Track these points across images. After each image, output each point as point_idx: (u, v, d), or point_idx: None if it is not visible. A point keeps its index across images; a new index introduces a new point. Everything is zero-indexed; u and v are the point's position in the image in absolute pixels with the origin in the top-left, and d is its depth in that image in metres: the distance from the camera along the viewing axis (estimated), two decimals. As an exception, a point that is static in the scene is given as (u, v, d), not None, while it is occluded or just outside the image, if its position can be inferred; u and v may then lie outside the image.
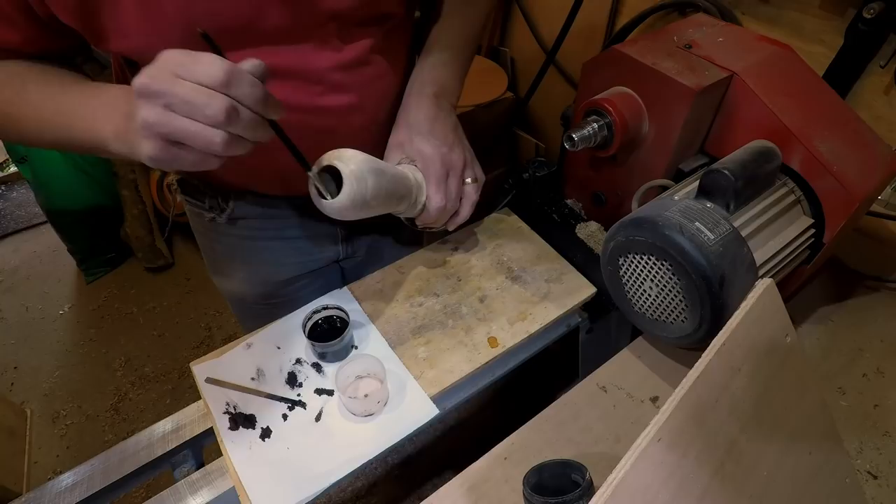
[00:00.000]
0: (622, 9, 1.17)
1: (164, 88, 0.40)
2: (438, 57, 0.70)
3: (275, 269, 0.84)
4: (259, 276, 0.84)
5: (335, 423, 0.63)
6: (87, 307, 2.05)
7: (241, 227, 0.78)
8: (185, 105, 0.40)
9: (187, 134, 0.41)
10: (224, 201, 0.75)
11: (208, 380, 0.65)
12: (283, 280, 0.85)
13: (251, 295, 0.87)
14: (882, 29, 0.74)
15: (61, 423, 1.70)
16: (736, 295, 0.54)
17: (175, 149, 0.43)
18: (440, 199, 0.64)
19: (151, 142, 0.42)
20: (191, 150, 0.43)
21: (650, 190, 0.71)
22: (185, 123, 0.41)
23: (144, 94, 0.41)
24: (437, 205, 0.65)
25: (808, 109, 0.65)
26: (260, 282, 0.85)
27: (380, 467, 1.53)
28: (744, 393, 0.46)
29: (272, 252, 0.82)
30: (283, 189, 0.74)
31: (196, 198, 0.76)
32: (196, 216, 0.80)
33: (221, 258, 0.85)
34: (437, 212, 0.65)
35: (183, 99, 0.40)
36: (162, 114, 0.41)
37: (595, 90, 0.71)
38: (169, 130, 0.41)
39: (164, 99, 0.40)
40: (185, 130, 0.41)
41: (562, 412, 0.65)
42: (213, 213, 0.76)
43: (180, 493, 0.60)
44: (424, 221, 0.68)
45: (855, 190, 0.61)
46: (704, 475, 0.41)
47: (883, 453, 0.64)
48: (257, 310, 0.89)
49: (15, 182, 2.63)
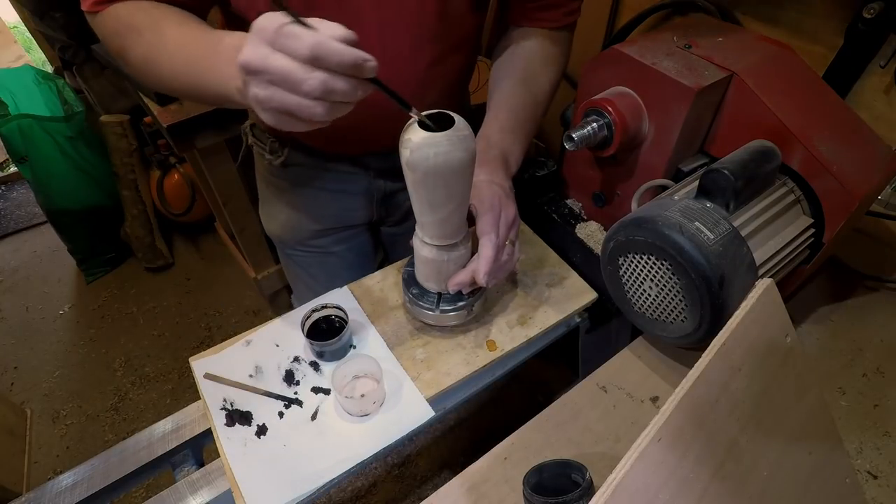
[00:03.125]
0: (622, 9, 1.17)
1: (263, 65, 0.41)
2: (506, 121, 0.72)
3: (312, 218, 0.92)
4: (299, 222, 0.93)
5: (331, 423, 0.63)
6: (87, 307, 2.05)
7: (291, 173, 0.87)
8: (283, 81, 0.41)
9: (292, 107, 0.42)
10: (281, 147, 0.83)
11: (206, 375, 0.65)
12: (320, 230, 0.93)
13: (289, 239, 0.97)
14: (882, 29, 0.74)
15: (61, 423, 1.70)
16: (736, 295, 0.54)
17: (287, 117, 0.44)
18: (493, 236, 0.61)
19: (266, 113, 0.44)
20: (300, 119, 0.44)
21: (650, 190, 0.71)
22: (288, 98, 0.42)
23: (248, 72, 0.42)
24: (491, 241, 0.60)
25: (808, 109, 0.65)
26: (299, 227, 0.94)
27: (380, 467, 1.53)
28: (744, 393, 0.46)
29: (313, 201, 0.90)
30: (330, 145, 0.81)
31: (261, 140, 0.85)
32: (258, 157, 0.90)
33: (269, 199, 0.95)
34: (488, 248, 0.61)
35: (280, 76, 0.41)
36: (267, 89, 0.42)
37: (595, 90, 0.71)
38: (276, 105, 0.43)
39: (266, 76, 0.42)
40: (290, 104, 0.42)
41: (562, 412, 0.65)
42: (271, 155, 0.84)
43: (180, 493, 0.60)
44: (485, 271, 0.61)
45: (855, 190, 0.61)
46: (704, 475, 0.41)
47: (883, 453, 0.64)
48: (295, 256, 1.00)
49: (15, 182, 2.63)
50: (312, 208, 0.91)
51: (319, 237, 0.95)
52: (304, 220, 0.93)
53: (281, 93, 0.42)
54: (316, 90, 0.41)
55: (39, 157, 1.84)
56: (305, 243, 0.96)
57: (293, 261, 1.01)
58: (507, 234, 0.64)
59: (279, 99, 0.42)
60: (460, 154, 0.50)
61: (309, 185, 0.88)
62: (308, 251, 0.97)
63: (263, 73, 0.41)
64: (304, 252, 0.98)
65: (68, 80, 2.10)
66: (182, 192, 2.05)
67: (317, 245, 0.96)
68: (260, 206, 1.00)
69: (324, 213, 0.92)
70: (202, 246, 2.26)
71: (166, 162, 2.00)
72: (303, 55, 0.40)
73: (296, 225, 0.94)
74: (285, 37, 0.40)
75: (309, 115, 0.43)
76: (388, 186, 0.90)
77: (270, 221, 0.98)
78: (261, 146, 0.86)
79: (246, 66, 0.42)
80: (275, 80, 0.42)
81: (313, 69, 0.41)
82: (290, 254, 1.00)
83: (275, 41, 0.41)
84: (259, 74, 0.42)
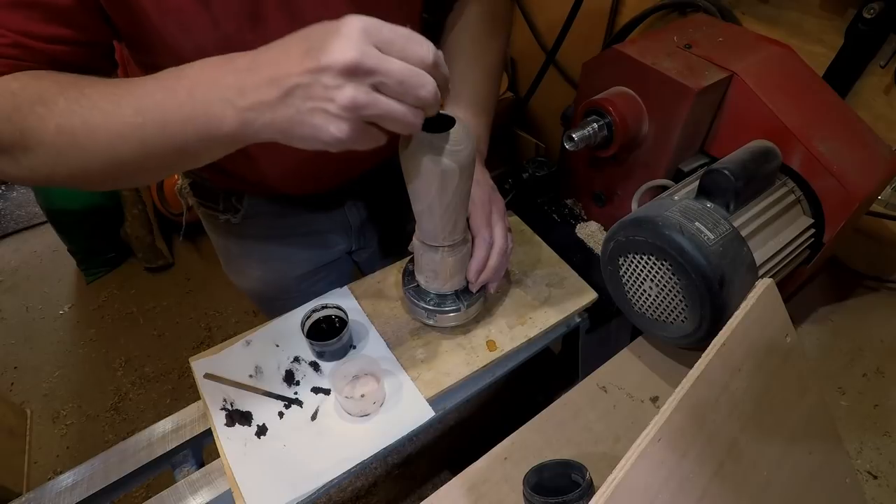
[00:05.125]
0: (622, 9, 1.17)
1: (378, 66, 0.36)
2: (467, 109, 0.68)
3: (289, 266, 0.85)
4: (274, 274, 0.86)
5: (331, 423, 0.63)
6: (87, 307, 2.05)
7: (254, 227, 0.79)
8: (398, 86, 0.37)
9: (394, 116, 0.38)
10: (238, 201, 0.75)
11: (206, 375, 0.65)
12: (298, 275, 0.87)
13: (268, 291, 0.89)
14: (882, 29, 0.74)
15: (61, 423, 1.70)
16: (736, 295, 0.54)
17: (372, 129, 0.40)
18: (487, 234, 0.61)
19: (347, 124, 0.38)
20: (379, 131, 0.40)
21: (650, 190, 0.71)
22: (392, 106, 0.38)
23: (354, 72, 0.36)
24: (484, 241, 0.61)
25: (808, 109, 0.65)
26: (275, 279, 0.87)
27: (380, 467, 1.53)
28: (744, 393, 0.46)
29: (286, 249, 0.83)
30: (296, 187, 0.73)
31: (210, 200, 0.76)
32: (210, 218, 0.81)
33: (237, 258, 0.86)
34: (485, 247, 0.62)
35: (398, 79, 0.37)
36: (370, 94, 0.37)
37: (595, 90, 0.71)
38: (377, 112, 0.38)
39: (376, 78, 0.37)
40: (393, 112, 0.38)
41: (562, 412, 0.65)
42: (227, 214, 0.76)
43: (180, 493, 0.60)
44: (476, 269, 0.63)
45: (855, 190, 0.61)
46: (704, 475, 0.41)
47: (883, 453, 0.64)
48: (276, 305, 0.90)
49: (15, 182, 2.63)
50: (287, 257, 0.84)
51: (301, 281, 0.88)
52: (280, 271, 0.86)
53: (385, 100, 0.38)
54: (432, 95, 0.38)
55: (39, 157, 1.84)
56: (286, 291, 0.89)
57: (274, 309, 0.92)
58: (504, 226, 0.64)
59: (384, 105, 0.38)
60: (472, 149, 0.51)
61: (277, 234, 0.81)
62: (290, 297, 0.89)
63: (375, 75, 0.36)
64: (285, 300, 0.89)
65: (68, 80, 2.10)
66: (182, 192, 2.05)
67: (299, 289, 0.89)
68: (224, 265, 0.90)
69: (299, 259, 0.86)
70: (202, 246, 2.26)
71: (166, 162, 2.00)
72: (428, 58, 0.38)
73: (273, 277, 0.87)
74: (411, 40, 0.37)
75: (406, 124, 0.39)
76: (362, 215, 0.85)
77: (242, 279, 0.89)
78: (210, 206, 0.76)
79: (358, 65, 0.36)
80: (386, 84, 0.37)
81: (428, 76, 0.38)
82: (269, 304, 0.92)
83: (392, 43, 0.37)
84: (369, 76, 0.37)
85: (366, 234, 0.89)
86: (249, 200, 0.75)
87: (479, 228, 0.62)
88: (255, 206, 0.76)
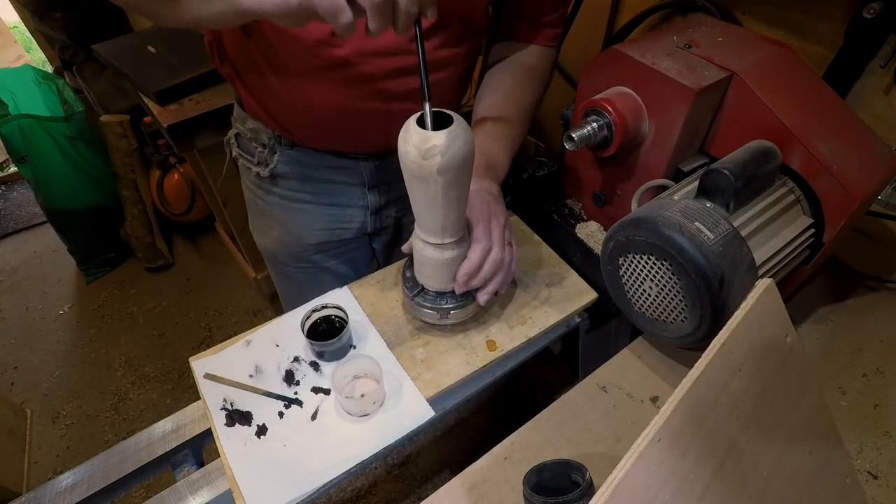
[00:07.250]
0: (622, 9, 1.17)
1: None
2: (492, 130, 0.73)
3: (306, 232, 0.91)
4: (290, 237, 0.92)
5: (331, 423, 0.63)
6: (87, 307, 2.05)
7: (280, 187, 0.86)
8: None
9: None
10: (270, 155, 0.82)
11: (206, 375, 0.65)
12: (313, 244, 0.92)
13: (282, 254, 0.95)
14: (882, 29, 0.74)
15: (61, 423, 1.70)
16: (736, 295, 0.54)
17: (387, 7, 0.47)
18: (486, 241, 0.62)
19: None
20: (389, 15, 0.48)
21: (650, 190, 0.71)
22: None
23: None
24: (483, 245, 0.62)
25: (808, 109, 0.65)
26: (291, 241, 0.92)
27: (380, 467, 1.53)
28: (744, 393, 0.46)
29: (305, 214, 0.89)
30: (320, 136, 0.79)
31: (247, 152, 0.84)
32: (246, 172, 0.88)
33: (261, 215, 0.93)
34: (481, 255, 0.62)
35: None
36: None
37: (595, 90, 0.71)
38: None
39: None
40: None
41: (562, 412, 0.65)
42: (259, 167, 0.83)
43: (180, 493, 0.60)
44: (467, 272, 0.62)
45: (855, 190, 0.61)
46: (704, 475, 0.41)
47: (883, 453, 0.64)
48: (287, 271, 0.98)
49: (15, 182, 2.64)
50: (304, 222, 0.90)
51: (313, 253, 0.93)
52: (296, 235, 0.91)
53: None
54: None
55: (39, 157, 1.84)
56: (298, 258, 0.95)
57: (284, 276, 1.00)
58: (503, 237, 0.65)
59: None
60: (470, 147, 0.52)
61: (299, 198, 0.87)
62: (300, 267, 0.96)
63: None
64: (295, 268, 0.97)
65: (68, 80, 2.10)
66: (182, 192, 2.05)
67: (310, 260, 0.95)
68: (250, 221, 0.99)
69: (316, 228, 0.90)
70: (202, 246, 2.26)
71: (166, 162, 2.00)
72: None
73: (289, 240, 0.92)
74: None
75: None
76: (380, 200, 0.89)
77: (262, 236, 0.97)
78: (246, 158, 0.85)
79: None
80: None
81: None
82: (281, 269, 0.99)
83: None
84: None
85: (382, 218, 0.93)
86: (280, 156, 0.82)
87: (479, 237, 0.63)
88: (282, 165, 0.83)
